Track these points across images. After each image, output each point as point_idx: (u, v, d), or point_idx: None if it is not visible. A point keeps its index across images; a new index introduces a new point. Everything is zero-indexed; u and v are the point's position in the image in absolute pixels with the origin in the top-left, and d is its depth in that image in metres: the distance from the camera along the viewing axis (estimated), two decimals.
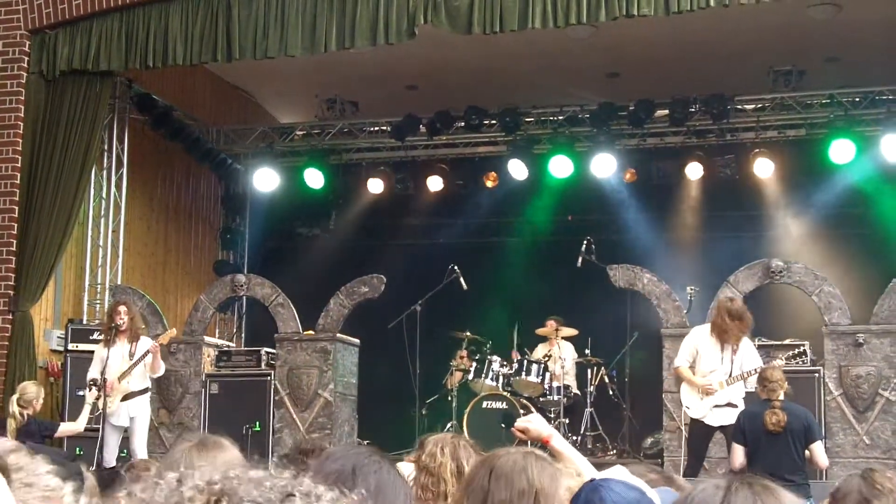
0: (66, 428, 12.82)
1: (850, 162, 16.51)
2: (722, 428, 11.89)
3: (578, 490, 3.93)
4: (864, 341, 13.80)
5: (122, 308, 13.27)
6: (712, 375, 11.85)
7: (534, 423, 5.13)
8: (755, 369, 11.65)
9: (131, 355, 13.06)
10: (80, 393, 13.25)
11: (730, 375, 11.78)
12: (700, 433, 12.07)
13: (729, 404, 11.85)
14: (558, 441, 4.98)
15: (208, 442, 4.16)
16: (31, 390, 12.21)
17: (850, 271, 15.50)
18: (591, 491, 3.78)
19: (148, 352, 13.01)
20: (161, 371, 13.46)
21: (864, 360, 13.80)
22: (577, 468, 4.80)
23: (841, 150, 16.35)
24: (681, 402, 12.34)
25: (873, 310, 13.97)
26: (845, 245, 17.02)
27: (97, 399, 12.75)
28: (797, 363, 12.20)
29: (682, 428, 12.98)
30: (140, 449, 13.08)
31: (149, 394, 13.47)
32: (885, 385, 13.68)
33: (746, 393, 11.98)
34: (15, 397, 12.08)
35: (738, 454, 10.68)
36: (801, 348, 12.24)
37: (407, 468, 5.00)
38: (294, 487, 1.93)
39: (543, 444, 5.02)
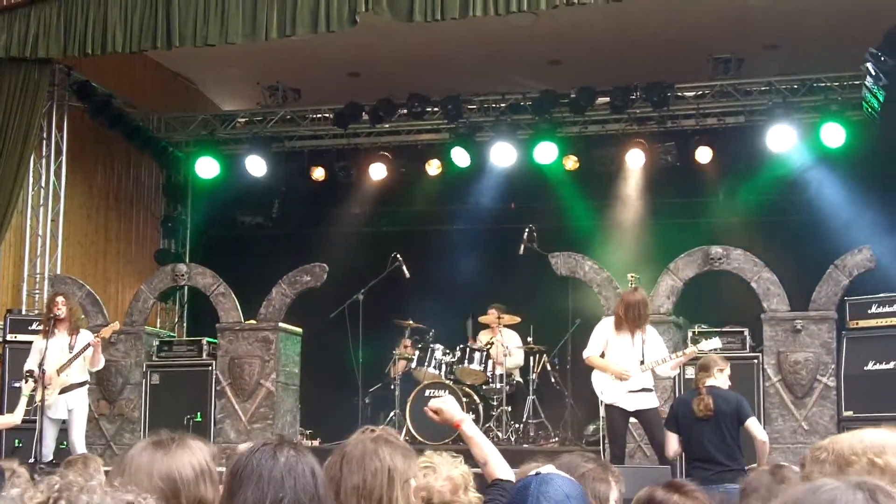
0: (2, 420, 12.70)
1: (788, 149, 16.63)
2: (637, 413, 12.02)
3: (526, 481, 3.96)
4: (803, 327, 13.93)
5: (60, 299, 13.18)
6: (624, 362, 12.00)
7: (447, 405, 5.10)
8: (663, 358, 11.98)
9: (71, 348, 12.97)
10: (17, 385, 13.13)
11: (641, 362, 11.93)
12: (617, 418, 12.18)
13: (643, 389, 12.01)
14: (469, 426, 4.98)
15: (166, 442, 4.04)
16: None
17: (788, 258, 15.58)
18: (542, 483, 3.88)
19: (88, 345, 12.92)
20: (101, 365, 13.38)
21: (802, 346, 13.92)
22: (484, 455, 4.81)
23: (780, 137, 16.46)
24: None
25: (811, 296, 14.09)
26: (784, 232, 17.14)
27: (34, 391, 12.65)
28: (710, 350, 12.22)
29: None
30: (78, 442, 12.98)
31: (87, 386, 13.38)
32: (824, 371, 13.81)
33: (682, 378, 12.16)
34: None
35: (672, 442, 10.79)
36: (717, 339, 12.30)
37: None
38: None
39: (454, 427, 5.03)
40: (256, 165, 18.50)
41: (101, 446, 15.39)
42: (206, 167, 18.76)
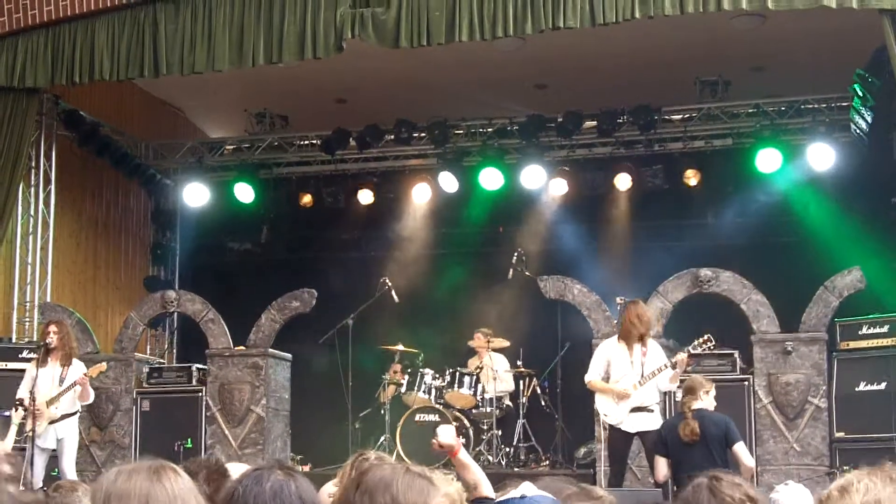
0: None
1: (776, 171, 16.64)
2: (640, 434, 12.00)
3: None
4: (793, 349, 13.94)
5: (53, 327, 13.12)
6: (624, 380, 12.01)
7: (444, 436, 5.21)
8: (662, 366, 11.92)
9: (62, 380, 12.91)
10: (7, 413, 13.08)
11: (641, 375, 11.94)
12: (619, 440, 12.18)
13: (645, 409, 11.99)
14: (464, 454, 5.07)
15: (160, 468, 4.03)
16: None
17: (777, 279, 15.58)
18: None
19: (76, 383, 12.84)
20: (90, 399, 13.33)
21: (792, 367, 13.93)
22: (476, 479, 4.86)
23: (767, 160, 16.48)
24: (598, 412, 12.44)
25: (801, 318, 14.11)
26: (773, 253, 17.13)
27: (24, 419, 12.62)
28: (703, 349, 12.25)
29: (602, 437, 13.04)
30: (69, 469, 12.94)
31: (77, 415, 13.34)
32: (815, 392, 13.82)
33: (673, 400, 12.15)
34: None
35: (661, 466, 10.80)
36: (706, 336, 12.27)
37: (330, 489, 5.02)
38: None
39: (451, 456, 5.11)
40: (244, 192, 18.50)
41: (93, 472, 15.32)
42: (195, 194, 18.76)
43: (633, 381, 12.00)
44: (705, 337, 12.14)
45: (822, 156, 16.33)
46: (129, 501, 3.59)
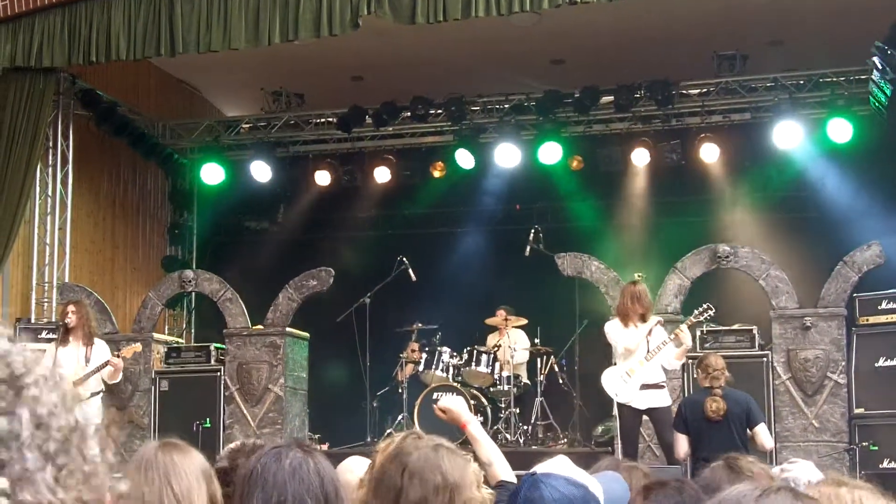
0: None
1: (795, 145, 16.58)
2: (649, 411, 11.99)
3: (518, 484, 3.89)
4: (812, 325, 13.87)
5: (71, 307, 13.12)
6: (632, 357, 11.99)
7: (455, 405, 5.13)
8: (663, 342, 11.95)
9: (87, 359, 12.89)
10: None
11: (647, 352, 11.93)
12: (630, 417, 12.18)
13: (654, 385, 11.98)
14: (475, 428, 5.01)
15: (178, 445, 4.15)
16: None
17: (796, 255, 15.55)
18: (531, 487, 3.67)
19: (107, 363, 12.77)
20: (119, 379, 13.34)
21: (811, 343, 13.88)
22: (488, 457, 4.81)
23: (786, 134, 16.40)
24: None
25: (820, 293, 14.05)
26: (792, 228, 17.07)
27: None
28: (704, 318, 12.26)
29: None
30: None
31: (101, 395, 13.34)
32: (833, 368, 13.76)
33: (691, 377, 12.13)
34: None
35: (682, 443, 10.77)
36: (704, 305, 12.25)
37: (357, 463, 4.99)
38: None
39: (461, 429, 5.05)
40: (261, 171, 18.49)
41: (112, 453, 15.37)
42: (212, 173, 18.76)
43: (638, 358, 11.99)
44: (704, 306, 12.14)
45: (841, 129, 16.23)
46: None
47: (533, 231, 15.89)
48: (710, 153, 17.17)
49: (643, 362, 11.96)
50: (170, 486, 3.99)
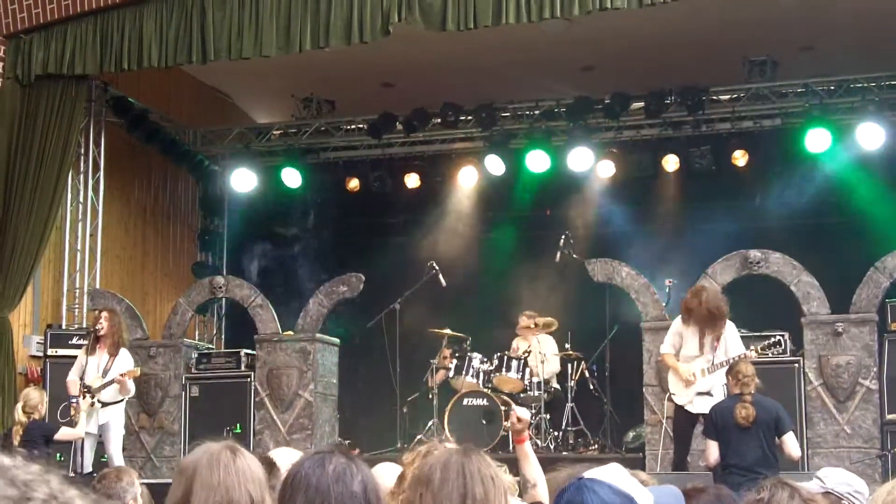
0: (66, 431, 12.68)
1: (826, 151, 16.52)
2: (702, 416, 11.92)
3: (563, 487, 3.86)
4: (844, 330, 13.81)
5: (104, 314, 13.24)
6: (694, 363, 11.92)
7: (526, 419, 5.27)
8: (740, 356, 11.67)
9: (105, 371, 12.97)
10: (74, 400, 13.06)
11: (711, 364, 11.83)
12: (684, 421, 12.13)
13: (708, 393, 11.89)
14: (529, 446, 5.08)
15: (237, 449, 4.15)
16: (34, 396, 12.22)
17: (827, 260, 15.47)
18: (576, 491, 3.63)
19: (114, 381, 12.88)
20: (131, 394, 13.44)
21: (843, 349, 13.82)
22: (535, 477, 4.85)
23: (817, 140, 16.36)
24: (663, 393, 12.39)
25: (852, 299, 13.99)
26: (823, 234, 17.00)
27: (91, 406, 12.76)
28: (772, 353, 12.20)
29: (663, 420, 13.01)
30: (116, 455, 13.01)
31: (124, 402, 13.38)
32: (865, 374, 13.70)
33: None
34: (19, 405, 12.09)
35: (712, 450, 10.69)
36: (776, 338, 12.19)
37: (388, 470, 5.00)
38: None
39: (517, 442, 5.08)
40: (292, 177, 18.54)
41: (142, 458, 15.46)
42: (242, 180, 18.81)
43: (700, 366, 11.90)
44: (777, 338, 12.08)
45: (871, 135, 16.20)
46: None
47: (563, 237, 15.89)
48: (740, 159, 17.15)
49: (704, 373, 11.87)
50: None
